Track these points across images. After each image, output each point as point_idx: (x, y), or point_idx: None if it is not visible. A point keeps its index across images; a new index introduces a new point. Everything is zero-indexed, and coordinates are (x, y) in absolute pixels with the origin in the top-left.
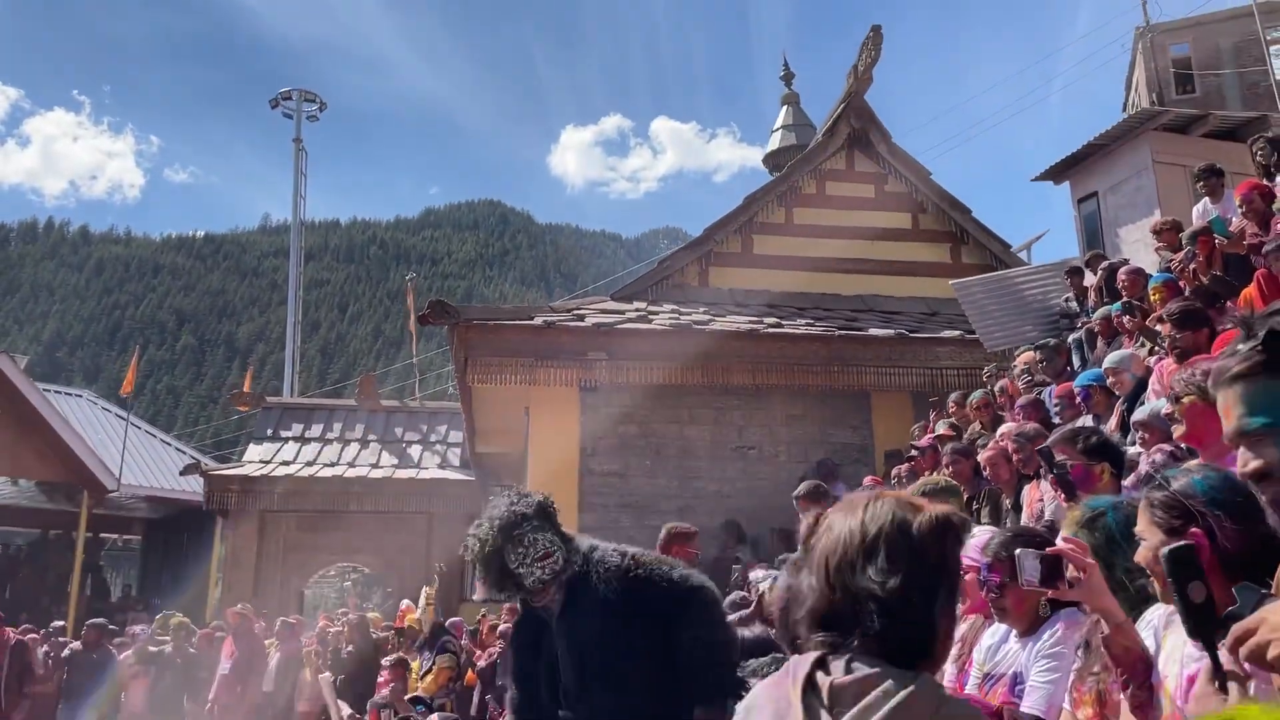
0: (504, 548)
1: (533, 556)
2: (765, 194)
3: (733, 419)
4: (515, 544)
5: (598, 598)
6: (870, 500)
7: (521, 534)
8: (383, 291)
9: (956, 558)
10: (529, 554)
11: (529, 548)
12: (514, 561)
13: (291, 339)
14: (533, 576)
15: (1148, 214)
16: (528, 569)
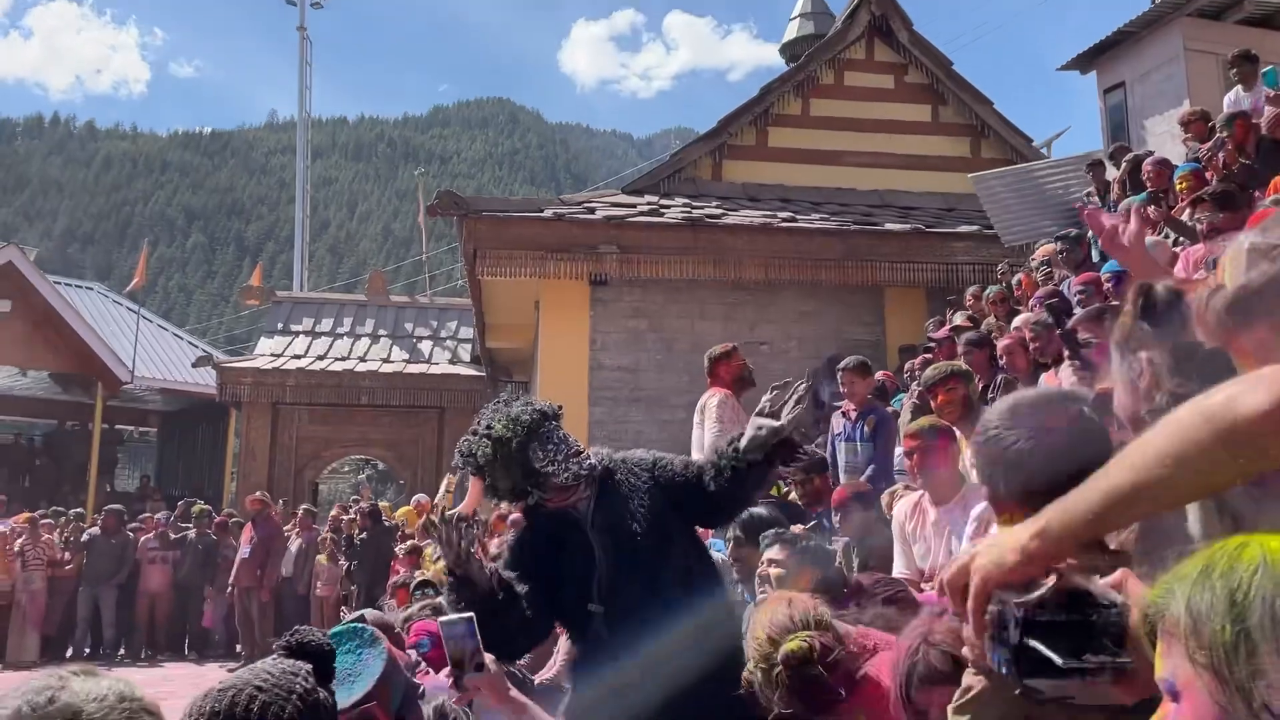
0: (530, 446)
1: (565, 453)
2: (781, 84)
3: (745, 314)
4: (544, 442)
5: (628, 492)
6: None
7: (549, 432)
8: (391, 190)
9: None
10: (560, 450)
11: (559, 444)
12: (542, 460)
13: (300, 235)
14: (566, 473)
15: (1176, 104)
16: (559, 466)
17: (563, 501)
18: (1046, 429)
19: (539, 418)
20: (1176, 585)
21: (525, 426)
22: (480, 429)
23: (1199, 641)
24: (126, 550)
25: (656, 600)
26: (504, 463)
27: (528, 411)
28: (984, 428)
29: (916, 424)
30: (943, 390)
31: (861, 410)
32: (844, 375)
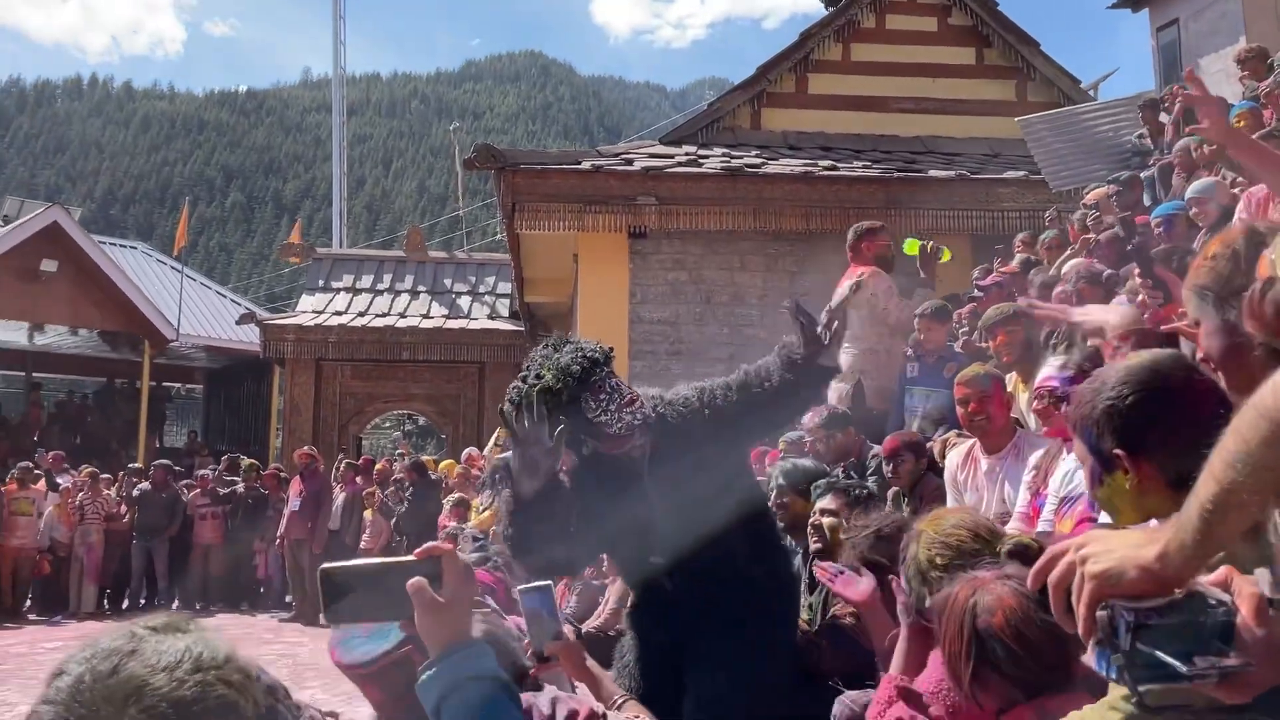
0: (582, 396)
1: (618, 402)
2: (821, 29)
3: (785, 265)
4: (596, 391)
5: (683, 437)
6: None
7: (601, 380)
8: (425, 147)
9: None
10: (613, 399)
11: (612, 393)
12: (595, 409)
13: (338, 193)
14: (620, 423)
15: (1231, 42)
16: (613, 415)
17: (617, 448)
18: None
19: (589, 366)
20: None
21: (575, 377)
22: (530, 377)
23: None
24: (177, 504)
25: (718, 550)
26: (554, 412)
27: (578, 359)
28: (1116, 388)
29: (970, 370)
30: (1003, 331)
31: (941, 355)
32: (921, 321)
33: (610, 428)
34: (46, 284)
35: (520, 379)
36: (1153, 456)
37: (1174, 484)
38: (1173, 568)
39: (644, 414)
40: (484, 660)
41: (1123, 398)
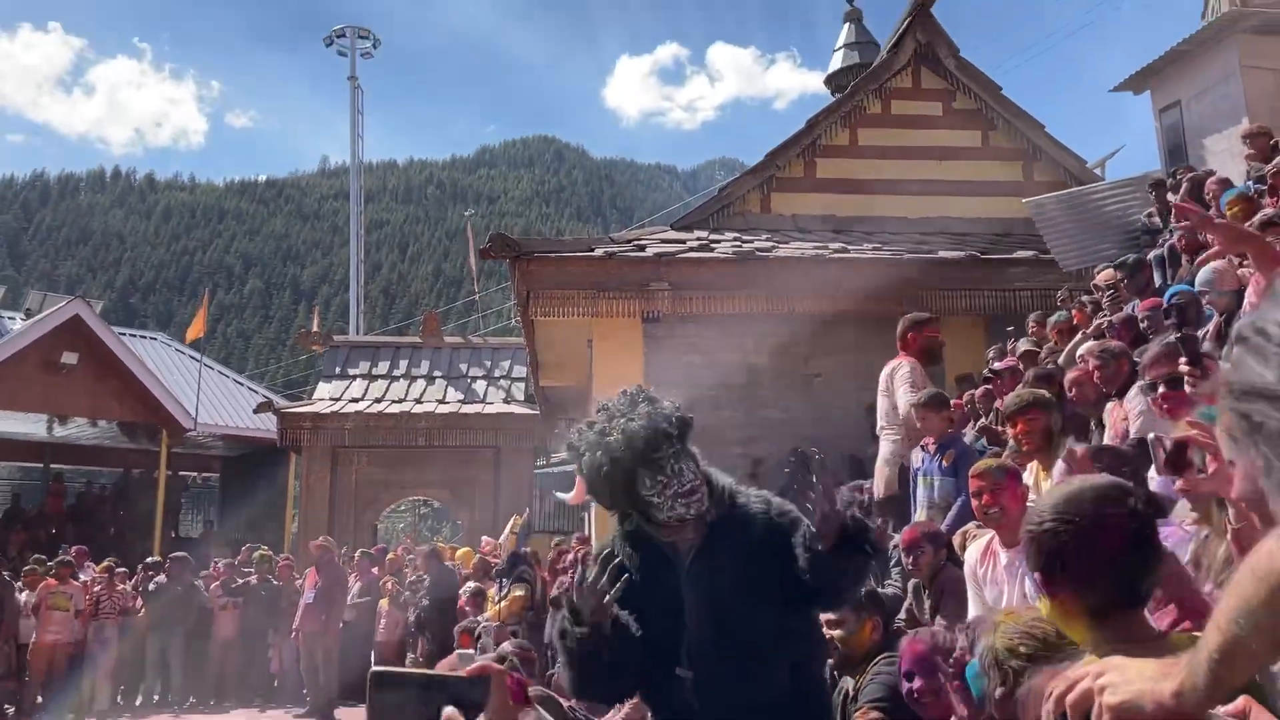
0: (637, 471)
1: (675, 489)
2: (828, 115)
3: (799, 348)
4: (654, 469)
5: (739, 545)
6: None
7: (663, 459)
8: (441, 231)
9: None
10: (670, 485)
11: (672, 477)
12: (649, 489)
13: (355, 279)
14: (671, 513)
15: (1234, 122)
16: (665, 500)
17: (668, 536)
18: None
19: (655, 442)
20: None
21: (637, 452)
22: (595, 429)
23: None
24: (193, 597)
25: (754, 674)
26: (605, 480)
27: (644, 430)
28: (1037, 516)
29: (984, 463)
30: (1023, 419)
31: (940, 443)
32: (918, 410)
33: (661, 512)
34: (67, 376)
35: (589, 423)
36: (1065, 585)
37: (1090, 614)
38: (1188, 705)
39: (699, 508)
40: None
41: (1040, 525)
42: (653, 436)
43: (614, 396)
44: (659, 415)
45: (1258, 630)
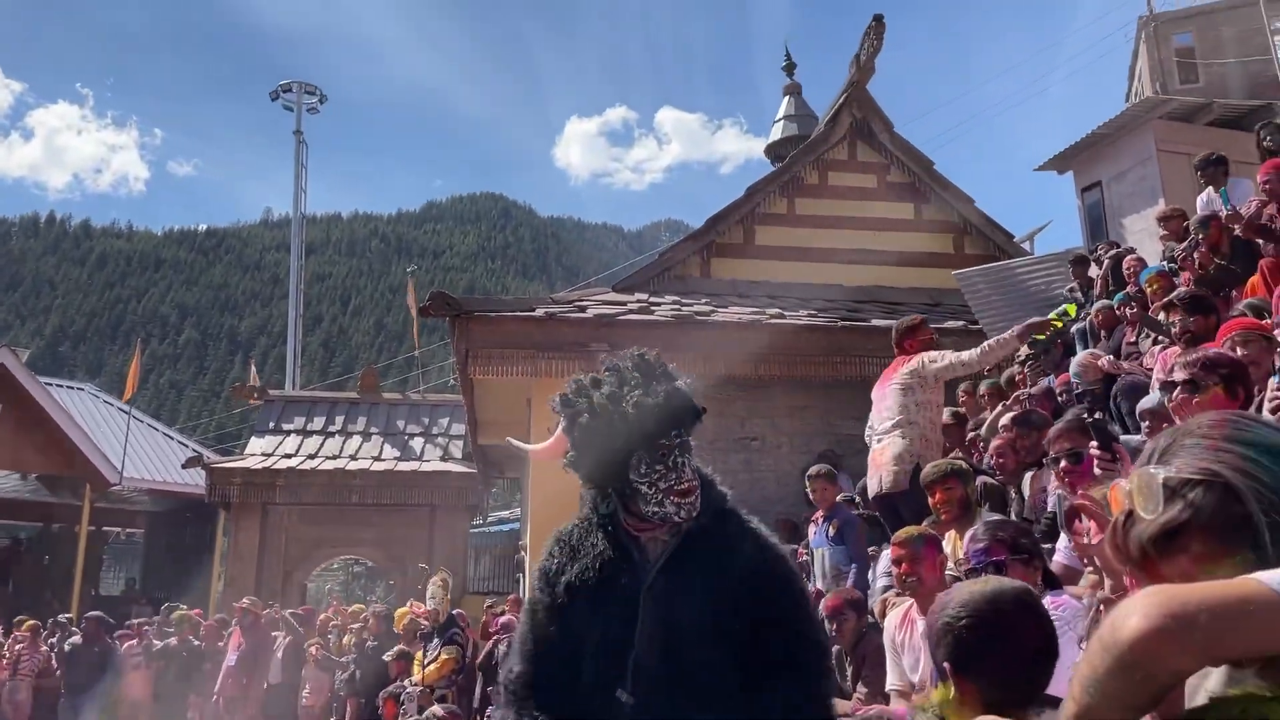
0: (636, 452)
1: (670, 484)
2: (767, 184)
3: (735, 410)
4: (655, 455)
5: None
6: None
7: (668, 447)
8: (384, 285)
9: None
10: (667, 478)
11: (670, 470)
12: (642, 476)
13: (294, 333)
14: (659, 509)
15: (1152, 203)
16: (655, 493)
17: (636, 529)
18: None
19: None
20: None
21: (645, 433)
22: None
23: None
24: (109, 659)
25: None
26: (597, 452)
27: (659, 412)
28: (955, 609)
29: (904, 532)
30: (940, 489)
31: (827, 514)
32: (812, 482)
33: (647, 504)
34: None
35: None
36: (973, 678)
37: (988, 707)
38: None
39: (690, 512)
40: None
41: (958, 619)
42: (666, 420)
43: (626, 356)
44: (678, 398)
45: (1106, 698)
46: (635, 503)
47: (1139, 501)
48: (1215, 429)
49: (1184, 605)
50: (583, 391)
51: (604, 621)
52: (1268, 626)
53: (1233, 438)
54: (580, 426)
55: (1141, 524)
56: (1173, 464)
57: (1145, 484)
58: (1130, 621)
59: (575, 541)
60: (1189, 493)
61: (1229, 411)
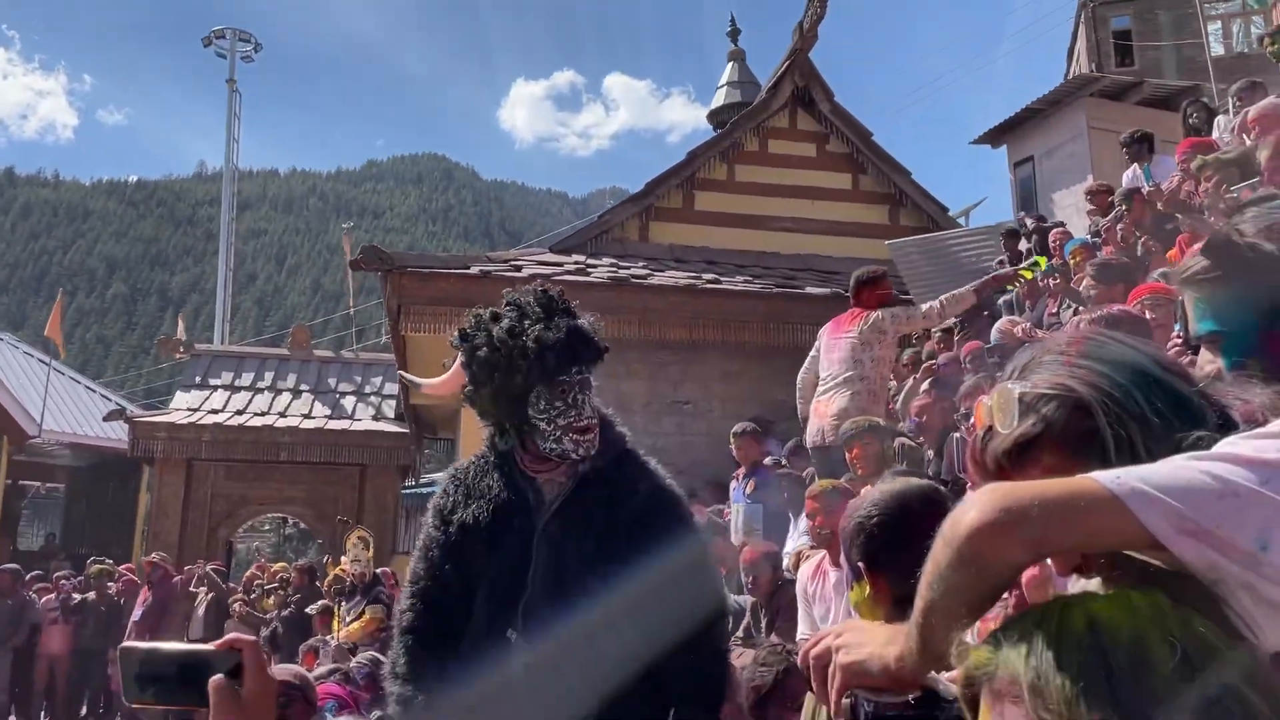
0: (536, 388)
1: (570, 422)
2: (708, 149)
3: (669, 374)
4: (556, 392)
5: (609, 511)
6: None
7: (568, 384)
8: (322, 244)
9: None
10: (567, 415)
11: (570, 407)
12: (541, 412)
13: (223, 286)
14: (558, 446)
15: (1081, 179)
16: (554, 430)
17: (533, 469)
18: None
19: (565, 360)
20: (1007, 647)
21: (546, 368)
22: (503, 325)
23: (1044, 701)
24: (24, 612)
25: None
26: (498, 387)
27: (560, 347)
28: (865, 509)
29: (818, 485)
30: (858, 444)
31: (748, 471)
32: (736, 439)
33: (545, 441)
34: None
35: (492, 314)
36: (884, 574)
37: (898, 602)
38: (906, 670)
39: (589, 450)
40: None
41: (869, 517)
42: (566, 357)
43: (528, 291)
44: (579, 335)
45: (948, 593)
46: (533, 439)
47: (997, 416)
48: (1073, 346)
49: (1019, 499)
50: (482, 325)
51: (498, 562)
52: (1096, 520)
53: (1089, 354)
54: (479, 360)
55: (998, 438)
56: (1030, 380)
57: (1003, 399)
58: (968, 515)
59: (471, 480)
60: (1043, 407)
61: (1090, 330)
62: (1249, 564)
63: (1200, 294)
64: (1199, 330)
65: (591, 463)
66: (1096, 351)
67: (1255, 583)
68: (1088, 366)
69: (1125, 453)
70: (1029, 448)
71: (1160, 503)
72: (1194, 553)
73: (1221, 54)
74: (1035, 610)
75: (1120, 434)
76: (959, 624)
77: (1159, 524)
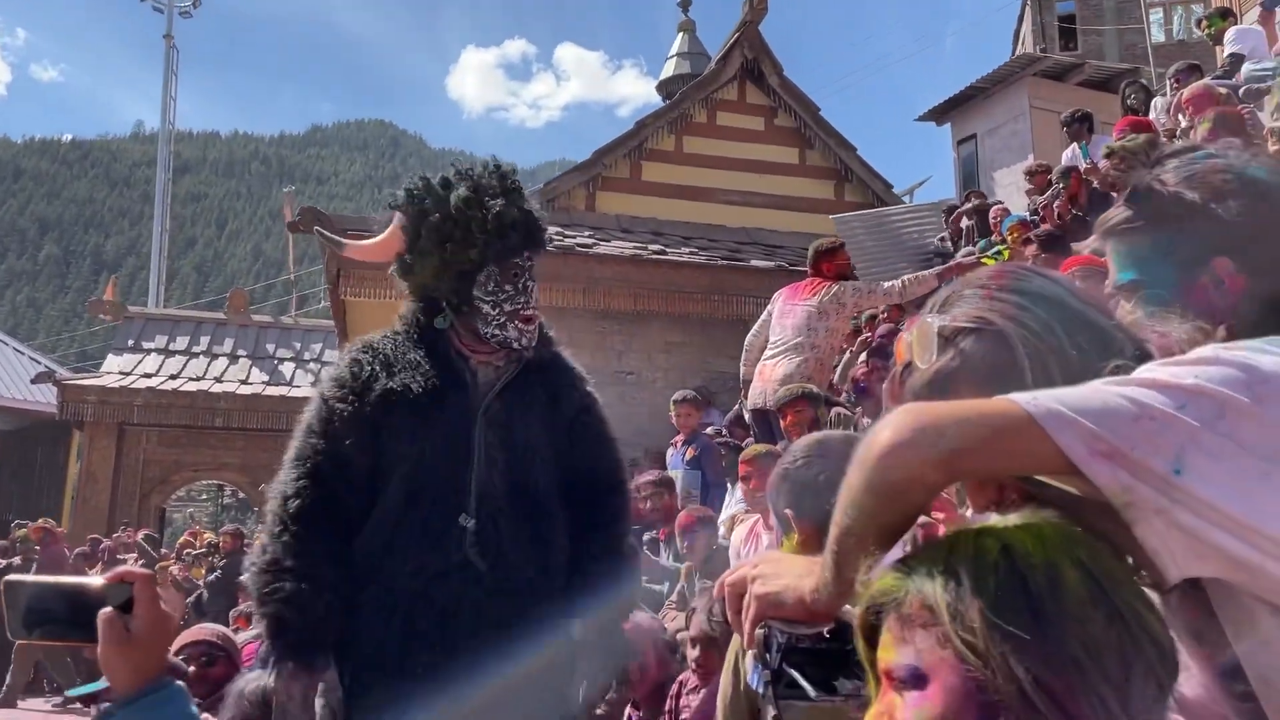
0: (487, 265)
1: (516, 307)
2: (656, 120)
3: (613, 343)
4: (507, 273)
5: (546, 397)
6: None
7: (521, 268)
8: (264, 209)
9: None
10: (515, 300)
11: (520, 292)
12: (489, 292)
13: (158, 247)
14: (501, 331)
15: (1022, 158)
16: (499, 314)
17: (470, 350)
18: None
19: (520, 243)
20: (918, 574)
21: (504, 245)
22: (458, 194)
23: (963, 622)
24: None
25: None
26: (447, 257)
27: (519, 226)
28: (791, 456)
29: (752, 450)
30: (791, 411)
31: (688, 438)
32: (677, 406)
33: (487, 325)
34: None
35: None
36: (811, 520)
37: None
38: (820, 602)
39: (529, 341)
40: (173, 706)
41: (793, 463)
42: (522, 239)
43: (479, 164)
44: (534, 220)
45: (863, 517)
46: (473, 321)
47: (916, 351)
48: (994, 279)
49: (934, 419)
50: (433, 191)
51: (433, 441)
52: (1011, 442)
53: (1009, 287)
54: (429, 226)
55: (917, 373)
56: (949, 313)
57: (922, 333)
58: (881, 435)
59: (392, 352)
60: (961, 341)
61: (1012, 264)
62: (1162, 487)
63: (1122, 244)
64: (1119, 280)
65: (536, 351)
66: (1017, 285)
67: (1168, 507)
68: (1007, 299)
69: (1043, 385)
70: (948, 382)
71: (1076, 424)
72: (1108, 475)
73: (1162, 41)
74: (945, 539)
75: (1038, 366)
76: (872, 552)
77: (1074, 445)
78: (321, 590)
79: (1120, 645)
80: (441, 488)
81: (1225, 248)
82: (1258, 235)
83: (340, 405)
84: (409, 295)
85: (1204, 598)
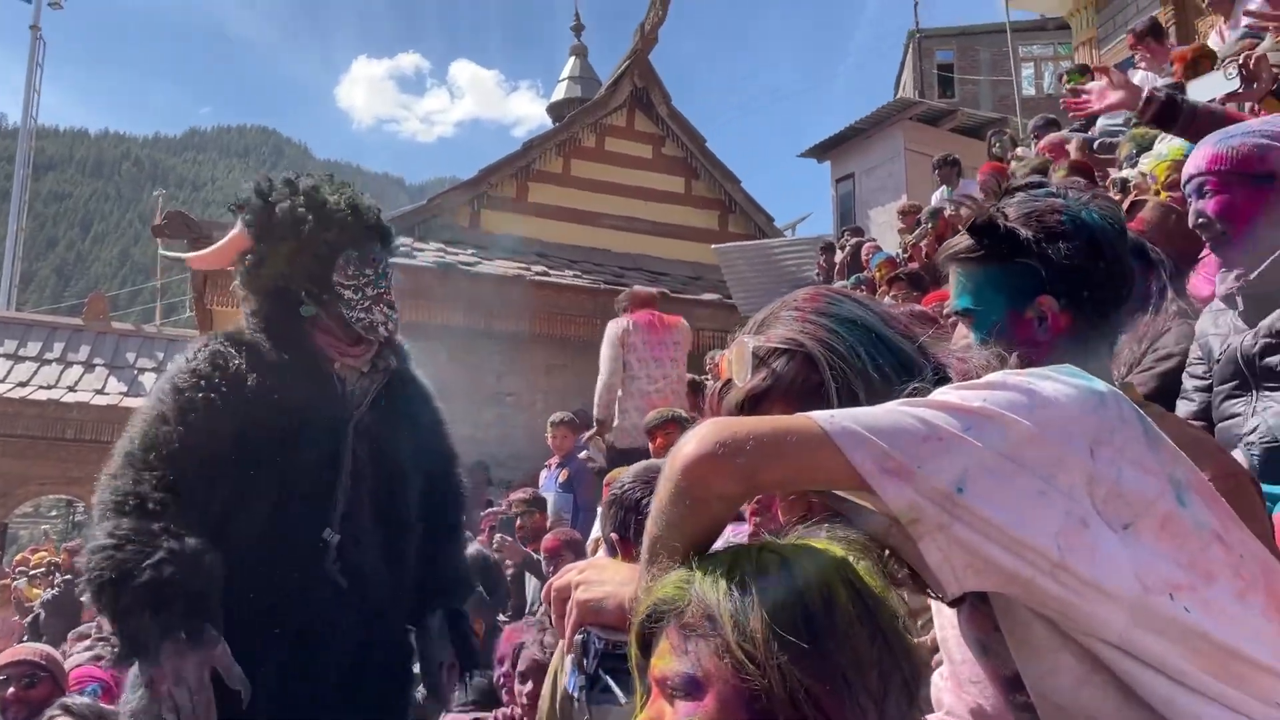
0: (346, 251)
1: (379, 293)
2: (545, 141)
3: (493, 364)
4: (365, 259)
5: (411, 415)
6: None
7: (378, 259)
8: (134, 213)
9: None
10: (377, 285)
11: (380, 277)
12: (349, 279)
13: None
14: (366, 316)
15: (896, 198)
16: (362, 299)
17: (332, 348)
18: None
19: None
20: (702, 584)
21: (362, 230)
22: (307, 187)
23: (743, 633)
24: None
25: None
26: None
27: (372, 214)
28: (619, 485)
29: (616, 473)
30: (661, 434)
31: (561, 461)
32: (554, 429)
33: (352, 311)
34: None
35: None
36: (636, 542)
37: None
38: None
39: (393, 329)
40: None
41: (622, 489)
42: (375, 230)
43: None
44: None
45: (669, 527)
46: (337, 308)
47: (735, 369)
48: (808, 303)
49: (735, 433)
50: (275, 188)
51: (301, 451)
52: (807, 457)
53: (821, 311)
54: (283, 212)
55: (734, 390)
56: (765, 334)
57: (739, 353)
58: (686, 447)
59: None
60: (774, 361)
61: (824, 287)
62: (945, 504)
63: (962, 270)
64: (956, 306)
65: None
66: (829, 309)
67: (949, 524)
68: (818, 323)
69: (848, 405)
70: (761, 399)
71: (868, 442)
72: (895, 491)
73: (1032, 94)
74: (727, 553)
75: (844, 387)
76: (680, 561)
77: (865, 463)
78: (203, 549)
79: (880, 661)
80: (307, 500)
81: (1050, 287)
82: (1081, 279)
83: (199, 396)
84: (257, 295)
85: (991, 611)
